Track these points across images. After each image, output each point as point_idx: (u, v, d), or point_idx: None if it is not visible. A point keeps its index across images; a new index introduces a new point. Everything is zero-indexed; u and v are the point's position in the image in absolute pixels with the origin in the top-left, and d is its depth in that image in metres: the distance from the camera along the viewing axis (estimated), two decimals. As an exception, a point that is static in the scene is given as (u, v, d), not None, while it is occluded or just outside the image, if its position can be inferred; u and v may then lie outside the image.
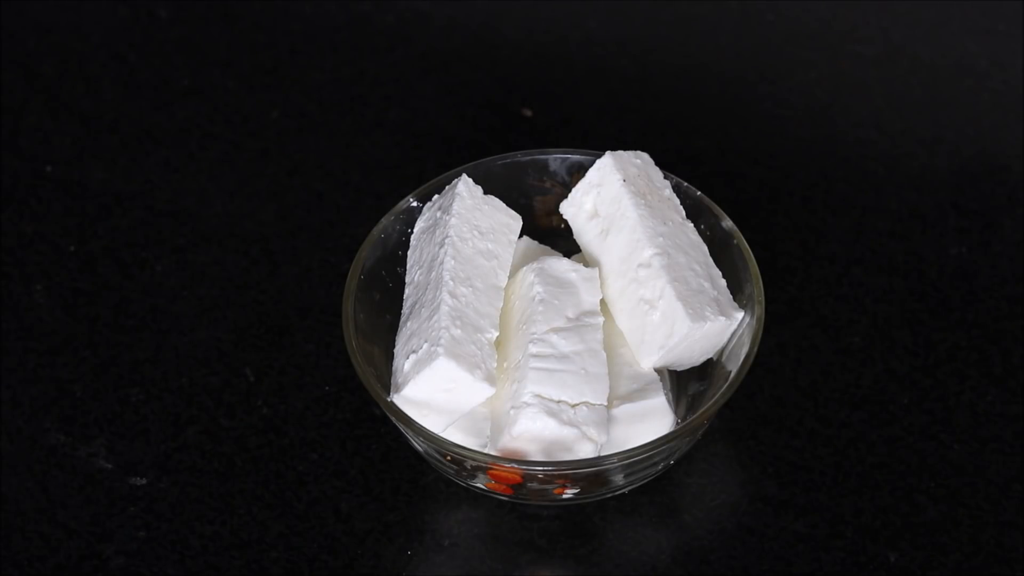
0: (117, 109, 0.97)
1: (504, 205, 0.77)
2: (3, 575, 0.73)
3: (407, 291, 0.76)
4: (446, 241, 0.73)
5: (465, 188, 0.75)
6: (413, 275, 0.76)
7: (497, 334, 0.72)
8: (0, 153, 0.94)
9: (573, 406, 0.70)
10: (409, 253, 0.77)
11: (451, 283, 0.72)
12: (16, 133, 0.96)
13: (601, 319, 0.74)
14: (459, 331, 0.70)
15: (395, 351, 0.73)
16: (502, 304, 0.74)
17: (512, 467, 0.69)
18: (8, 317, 0.84)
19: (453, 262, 0.72)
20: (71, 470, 0.77)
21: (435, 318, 0.70)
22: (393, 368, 0.73)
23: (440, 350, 0.69)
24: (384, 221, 0.78)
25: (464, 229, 0.74)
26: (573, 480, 0.71)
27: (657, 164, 0.78)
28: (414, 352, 0.70)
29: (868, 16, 1.03)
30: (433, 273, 0.73)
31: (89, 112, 0.97)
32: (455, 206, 0.74)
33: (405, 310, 0.75)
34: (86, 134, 0.96)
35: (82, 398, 0.80)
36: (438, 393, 0.70)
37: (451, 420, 0.71)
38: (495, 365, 0.71)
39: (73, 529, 0.75)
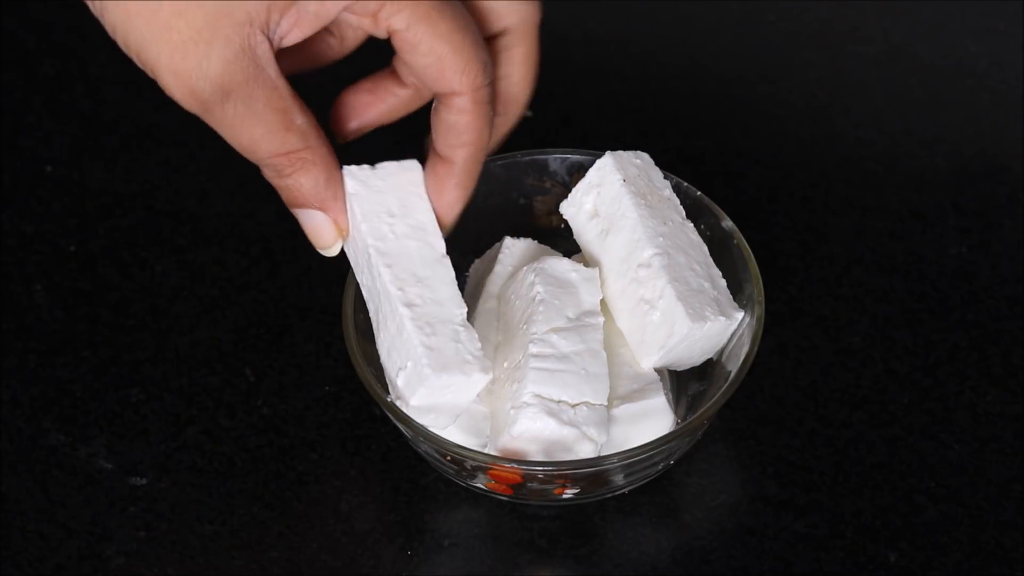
0: (117, 109, 0.97)
1: (393, 164, 0.72)
2: (3, 575, 0.73)
3: (363, 292, 0.72)
4: (369, 250, 0.70)
5: (353, 181, 0.70)
6: (360, 276, 0.72)
7: (464, 310, 0.69)
8: (0, 153, 0.94)
9: (573, 406, 0.70)
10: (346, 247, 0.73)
11: (399, 292, 0.69)
12: (16, 133, 0.96)
13: (601, 319, 0.74)
14: (433, 337, 0.68)
15: (380, 358, 0.72)
16: (452, 271, 0.70)
17: (512, 467, 0.69)
18: (8, 317, 0.84)
19: (388, 269, 0.69)
20: (71, 470, 0.77)
21: (404, 334, 0.69)
22: (385, 373, 0.72)
23: (427, 369, 0.67)
24: (384, 221, 0.78)
25: (377, 225, 0.70)
26: (573, 480, 0.71)
27: (657, 164, 0.78)
28: (402, 369, 0.69)
29: (868, 16, 1.03)
30: (377, 283, 0.70)
31: (89, 112, 0.97)
32: (355, 207, 0.70)
33: (372, 313, 0.72)
34: (86, 134, 0.96)
35: (82, 398, 0.80)
36: (439, 399, 0.69)
37: (459, 412, 0.71)
38: (479, 345, 0.69)
39: (73, 529, 0.75)
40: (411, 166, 0.72)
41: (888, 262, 0.87)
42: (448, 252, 0.71)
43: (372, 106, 0.74)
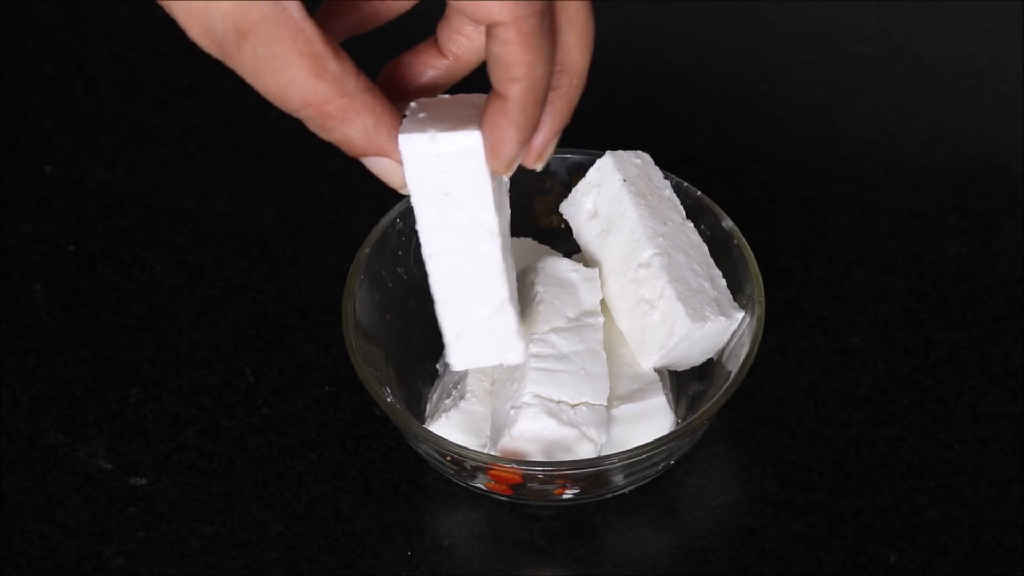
0: (117, 109, 0.97)
1: (455, 134, 0.65)
2: (3, 575, 0.73)
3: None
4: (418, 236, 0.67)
5: (408, 153, 0.65)
6: None
7: (503, 296, 0.66)
8: (0, 153, 0.94)
9: (573, 406, 0.70)
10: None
11: (438, 286, 0.66)
12: (16, 133, 0.96)
13: (601, 319, 0.74)
14: (463, 336, 0.67)
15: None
16: (498, 251, 0.67)
17: (512, 467, 0.69)
18: (8, 317, 0.84)
19: (430, 260, 0.66)
20: (71, 470, 0.77)
21: (440, 328, 0.67)
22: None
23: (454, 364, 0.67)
24: (384, 221, 0.78)
25: (427, 210, 0.66)
26: (573, 480, 0.71)
27: (657, 164, 0.78)
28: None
29: (868, 16, 1.03)
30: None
31: (89, 112, 0.97)
32: (408, 183, 0.66)
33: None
34: (86, 134, 0.96)
35: (82, 398, 0.80)
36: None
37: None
38: (514, 329, 0.66)
39: (73, 529, 0.75)
40: (472, 138, 0.65)
41: (888, 262, 0.87)
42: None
43: (412, 80, 0.69)
